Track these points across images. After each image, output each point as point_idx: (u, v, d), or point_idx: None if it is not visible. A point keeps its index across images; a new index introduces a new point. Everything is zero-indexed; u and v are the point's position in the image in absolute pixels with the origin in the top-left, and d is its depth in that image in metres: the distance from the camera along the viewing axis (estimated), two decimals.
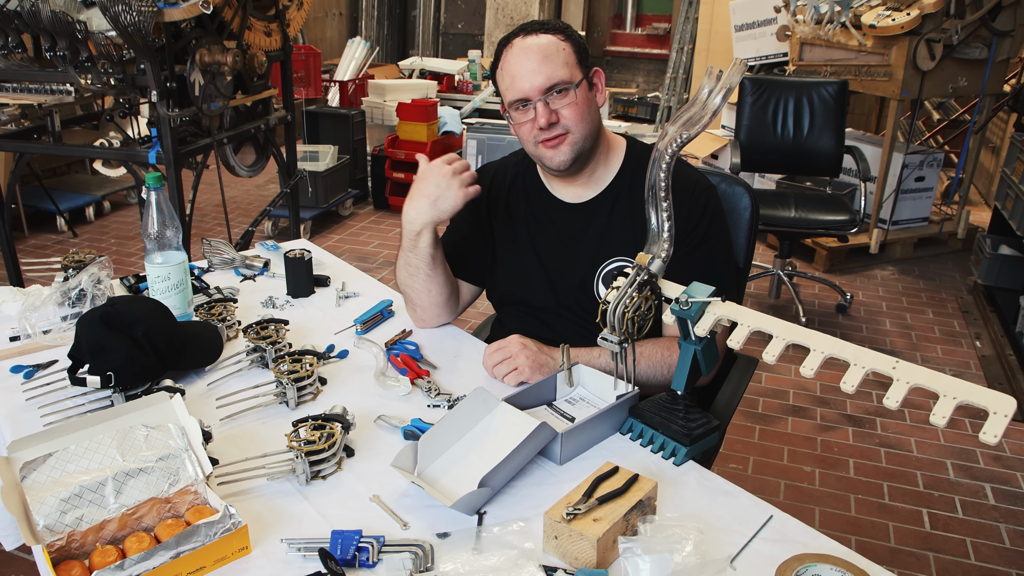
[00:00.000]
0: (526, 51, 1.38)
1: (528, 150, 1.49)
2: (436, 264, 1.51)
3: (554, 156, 1.43)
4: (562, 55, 1.39)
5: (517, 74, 1.38)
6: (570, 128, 1.41)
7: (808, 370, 1.07)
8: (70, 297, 1.53)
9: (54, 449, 1.05)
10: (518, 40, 1.41)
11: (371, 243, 4.61)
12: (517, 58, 1.39)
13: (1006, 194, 3.82)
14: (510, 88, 1.41)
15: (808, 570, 0.94)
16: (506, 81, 1.42)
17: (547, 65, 1.37)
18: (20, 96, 2.81)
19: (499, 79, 1.45)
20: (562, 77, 1.38)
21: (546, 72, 1.37)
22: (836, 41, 4.12)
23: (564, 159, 1.43)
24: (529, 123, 1.41)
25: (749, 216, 1.69)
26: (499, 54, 1.44)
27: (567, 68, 1.39)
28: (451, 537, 1.01)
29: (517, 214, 1.58)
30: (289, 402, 1.30)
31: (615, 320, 1.19)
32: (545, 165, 1.47)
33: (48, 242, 4.41)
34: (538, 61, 1.37)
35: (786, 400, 2.99)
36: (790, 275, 3.89)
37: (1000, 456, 2.67)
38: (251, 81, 3.14)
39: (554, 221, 1.54)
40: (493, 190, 1.61)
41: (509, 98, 1.42)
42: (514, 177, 1.60)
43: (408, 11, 8.68)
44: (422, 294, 1.54)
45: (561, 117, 1.40)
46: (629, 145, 1.55)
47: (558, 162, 1.44)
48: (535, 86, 1.38)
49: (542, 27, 1.41)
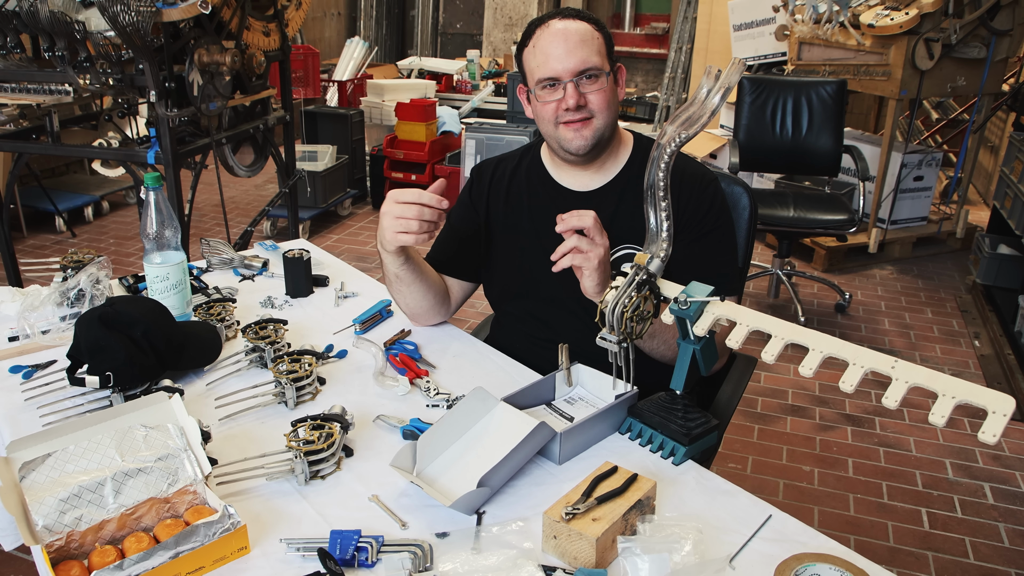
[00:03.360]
0: (563, 33, 1.40)
1: (546, 130, 1.49)
2: (408, 278, 1.52)
3: (574, 139, 1.44)
4: (596, 43, 1.41)
5: (552, 54, 1.40)
6: (595, 113, 1.42)
7: (807, 369, 1.07)
8: (69, 297, 1.53)
9: (53, 449, 1.05)
10: (555, 22, 1.42)
11: (370, 243, 4.61)
12: (553, 38, 1.40)
13: (1005, 193, 3.82)
14: (542, 66, 1.41)
15: (807, 569, 0.94)
16: (538, 59, 1.42)
17: (582, 49, 1.39)
18: (19, 96, 2.81)
19: (528, 56, 1.45)
20: (595, 63, 1.40)
21: (581, 55, 1.39)
22: (835, 41, 4.12)
23: (584, 143, 1.44)
24: (555, 103, 1.42)
25: (748, 215, 1.70)
26: (530, 33, 1.45)
27: (600, 56, 1.41)
28: (450, 537, 1.01)
29: (519, 204, 1.58)
30: (288, 402, 1.30)
31: (613, 320, 1.19)
32: (563, 147, 1.47)
33: (47, 242, 4.41)
34: (575, 43, 1.39)
35: (785, 400, 2.99)
36: (789, 275, 3.89)
37: (999, 455, 2.67)
38: (250, 81, 3.14)
39: (560, 209, 1.53)
40: (494, 183, 1.61)
41: (539, 75, 1.42)
42: (516, 168, 1.61)
43: (407, 11, 8.68)
44: (407, 303, 1.57)
45: (588, 101, 1.41)
46: (636, 140, 1.57)
47: (577, 145, 1.45)
48: (568, 68, 1.39)
49: (577, 14, 1.43)
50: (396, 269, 1.49)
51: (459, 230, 1.63)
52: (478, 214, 1.61)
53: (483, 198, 1.61)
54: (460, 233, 1.62)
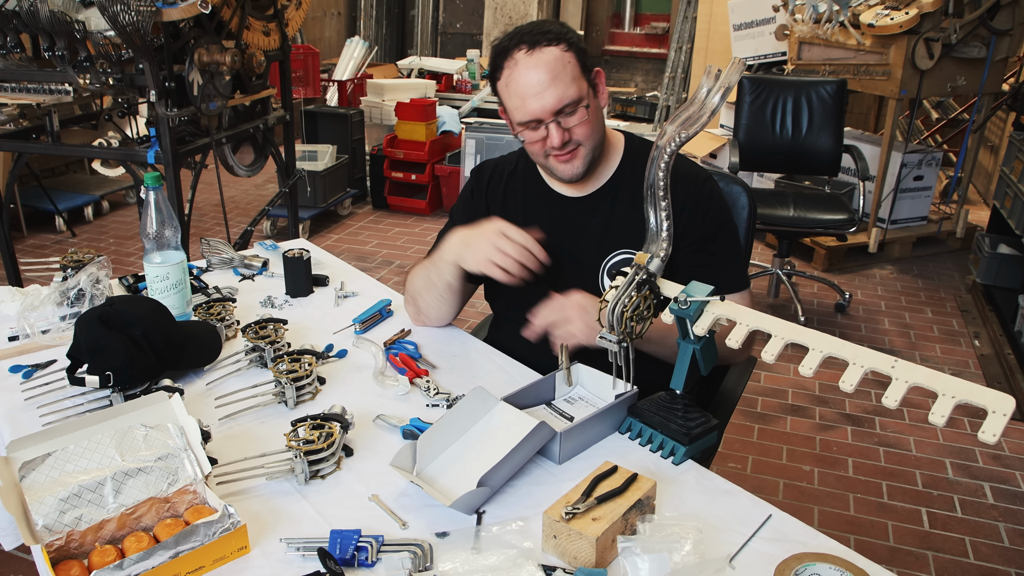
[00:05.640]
0: (534, 69, 1.34)
1: (538, 161, 1.49)
2: (453, 293, 1.53)
3: (567, 169, 1.43)
4: (568, 69, 1.35)
5: (527, 95, 1.35)
6: (582, 142, 1.40)
7: (807, 369, 1.07)
8: (69, 297, 1.53)
9: (53, 449, 1.05)
10: (521, 56, 1.35)
11: (370, 243, 4.61)
12: (524, 78, 1.35)
13: (1005, 193, 3.82)
14: (519, 109, 1.37)
15: (807, 569, 0.94)
16: (513, 101, 1.38)
17: (557, 85, 1.34)
18: (19, 96, 2.81)
19: (503, 92, 1.41)
20: (572, 96, 1.35)
21: (556, 93, 1.34)
22: (835, 40, 4.12)
23: (577, 172, 1.43)
24: (540, 141, 1.40)
25: (747, 215, 1.70)
26: (499, 65, 1.39)
27: (575, 84, 1.35)
28: (450, 536, 1.01)
29: (515, 210, 1.57)
30: (288, 402, 1.30)
31: (614, 320, 1.19)
32: (556, 175, 1.47)
33: (47, 242, 4.41)
34: (548, 80, 1.33)
35: (785, 399, 2.99)
36: (789, 274, 3.89)
37: (999, 455, 2.67)
38: (250, 81, 3.14)
39: (555, 216, 1.54)
40: (491, 188, 1.61)
41: (518, 118, 1.39)
42: (511, 173, 1.60)
43: (407, 10, 8.68)
44: (430, 307, 1.57)
45: (573, 134, 1.39)
46: (627, 140, 1.55)
47: (570, 174, 1.44)
48: (546, 108, 1.35)
49: (543, 35, 1.35)
50: (452, 280, 1.49)
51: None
52: (480, 216, 1.61)
53: (483, 201, 1.61)
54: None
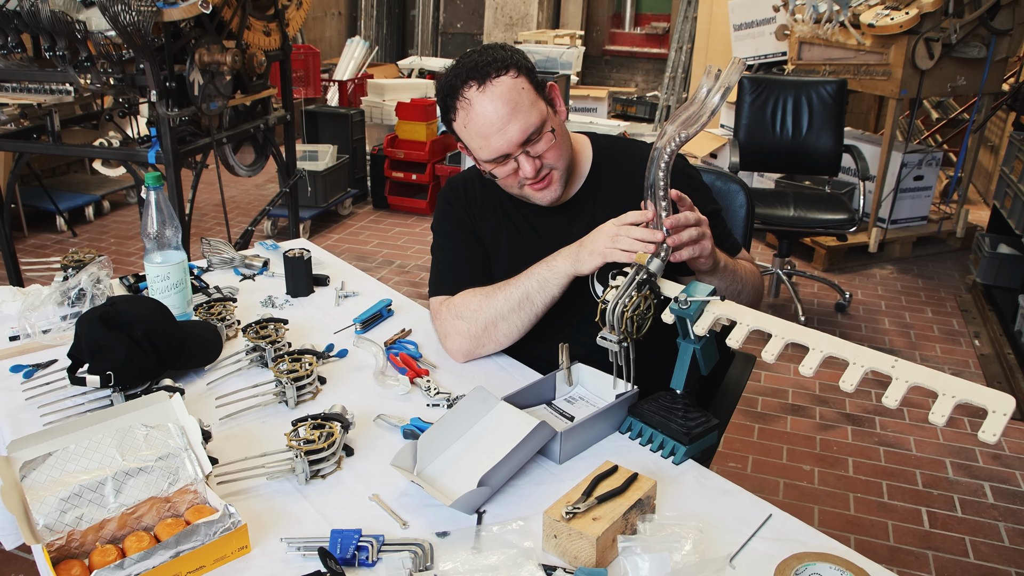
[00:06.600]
0: (490, 104, 1.29)
1: (513, 193, 1.45)
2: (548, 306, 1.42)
3: (545, 196, 1.41)
4: (525, 96, 1.31)
5: (489, 133, 1.31)
6: (555, 165, 1.38)
7: (807, 369, 1.07)
8: (69, 297, 1.53)
9: (54, 448, 1.05)
10: (473, 94, 1.30)
11: (370, 242, 4.61)
12: (481, 116, 1.30)
13: (1005, 193, 3.82)
14: (483, 148, 1.33)
15: (807, 569, 0.94)
16: (476, 141, 1.34)
17: (517, 116, 1.30)
18: (19, 96, 2.81)
19: (463, 136, 1.36)
20: (535, 123, 1.32)
21: (519, 124, 1.30)
22: (835, 40, 4.12)
23: (555, 195, 1.42)
24: (513, 174, 1.37)
25: (745, 213, 1.70)
26: (451, 106, 1.34)
27: (535, 108, 1.32)
28: (450, 536, 1.01)
29: (497, 224, 1.52)
30: (288, 401, 1.30)
31: (614, 319, 1.19)
32: (534, 202, 1.44)
33: (48, 242, 4.41)
34: (507, 115, 1.29)
35: (785, 399, 2.99)
36: (789, 274, 3.89)
37: (999, 455, 2.67)
38: (250, 81, 3.14)
39: (535, 227, 1.50)
40: (469, 197, 1.54)
41: (484, 156, 1.35)
42: (483, 189, 1.54)
43: (407, 10, 8.68)
44: (513, 329, 1.43)
45: (544, 159, 1.36)
46: (594, 142, 1.53)
47: (550, 200, 1.42)
48: (512, 142, 1.31)
49: (490, 66, 1.30)
50: (558, 293, 1.38)
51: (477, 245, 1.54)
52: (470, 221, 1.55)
53: (464, 209, 1.54)
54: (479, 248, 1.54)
